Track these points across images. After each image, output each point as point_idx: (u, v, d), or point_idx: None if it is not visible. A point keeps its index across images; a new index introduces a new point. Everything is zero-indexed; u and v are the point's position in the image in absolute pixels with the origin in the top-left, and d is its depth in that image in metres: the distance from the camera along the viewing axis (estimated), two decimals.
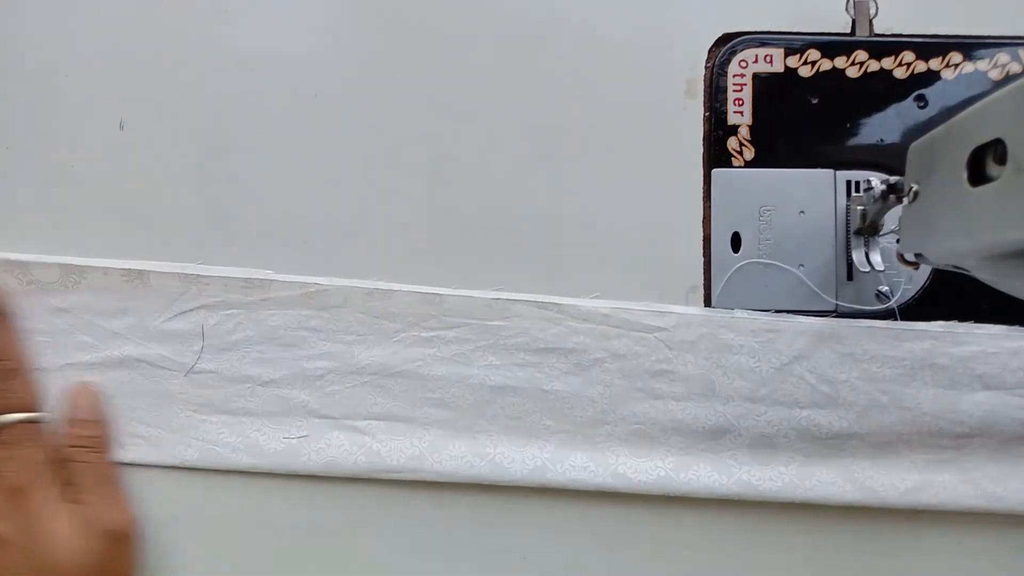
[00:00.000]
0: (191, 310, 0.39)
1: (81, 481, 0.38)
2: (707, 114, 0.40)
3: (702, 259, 0.40)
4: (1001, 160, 0.26)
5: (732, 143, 0.40)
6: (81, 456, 0.38)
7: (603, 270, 0.40)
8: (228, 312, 0.39)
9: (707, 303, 0.40)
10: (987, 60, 0.39)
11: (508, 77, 0.40)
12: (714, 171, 0.40)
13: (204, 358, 0.39)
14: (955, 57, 0.39)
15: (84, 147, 0.41)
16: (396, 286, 0.40)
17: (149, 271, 0.39)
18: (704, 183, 0.40)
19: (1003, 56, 0.39)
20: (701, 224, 0.40)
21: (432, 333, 0.40)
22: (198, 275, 0.40)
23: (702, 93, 0.40)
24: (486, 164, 0.40)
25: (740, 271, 0.40)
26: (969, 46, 0.40)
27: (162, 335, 0.40)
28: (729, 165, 0.40)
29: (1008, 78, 0.39)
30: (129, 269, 0.40)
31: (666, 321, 0.39)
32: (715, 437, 0.39)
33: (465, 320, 0.40)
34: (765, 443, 0.39)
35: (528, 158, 0.40)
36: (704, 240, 0.40)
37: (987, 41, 0.40)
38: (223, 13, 0.41)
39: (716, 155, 0.40)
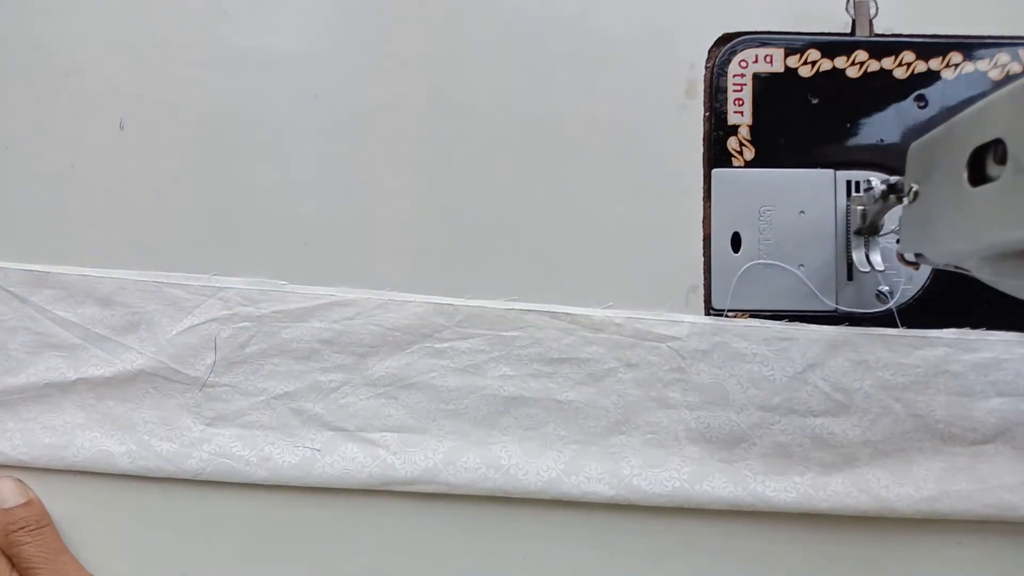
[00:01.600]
0: (203, 323, 0.40)
1: (32, 559, 0.38)
2: (707, 114, 0.40)
3: (702, 259, 0.40)
4: (1001, 160, 0.26)
5: (732, 143, 0.40)
6: (25, 538, 0.38)
7: (603, 270, 0.40)
8: (241, 325, 0.39)
9: (707, 303, 0.40)
10: (987, 60, 0.39)
11: (508, 77, 0.40)
12: (714, 171, 0.40)
13: (217, 371, 0.39)
14: (955, 57, 0.39)
15: (84, 147, 0.41)
16: (409, 297, 0.40)
17: (162, 283, 0.40)
18: (704, 183, 0.40)
19: (1003, 56, 0.39)
20: (701, 224, 0.40)
21: (446, 344, 0.39)
22: (210, 287, 0.40)
23: (702, 93, 0.40)
24: (486, 164, 0.40)
25: (740, 271, 0.40)
26: (969, 46, 0.40)
27: (174, 348, 0.40)
28: (729, 165, 0.40)
29: (1008, 78, 0.39)
30: (141, 280, 0.40)
31: (679, 330, 0.39)
32: (729, 447, 0.39)
33: (478, 331, 0.39)
34: (779, 452, 0.39)
35: (528, 158, 0.40)
36: (704, 240, 0.40)
37: (987, 41, 0.40)
38: (223, 13, 0.41)
39: (716, 155, 0.40)
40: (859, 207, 0.38)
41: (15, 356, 0.40)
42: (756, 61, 0.40)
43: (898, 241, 0.37)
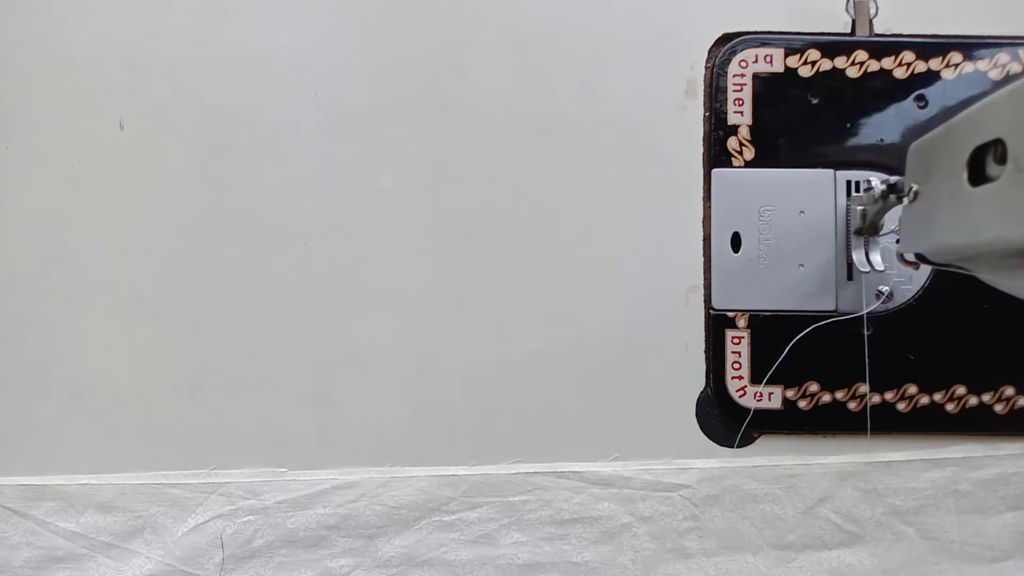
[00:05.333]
0: (207, 521, 0.39)
1: None
2: (707, 114, 0.40)
3: (702, 259, 0.40)
4: (1001, 160, 0.26)
5: (732, 143, 0.40)
6: None
7: (603, 271, 0.40)
8: (245, 519, 0.39)
9: (707, 303, 0.40)
10: (987, 60, 0.39)
11: (508, 77, 0.40)
12: (714, 171, 0.40)
13: (227, 569, 0.39)
14: (955, 57, 0.39)
15: (84, 147, 0.41)
16: (412, 471, 0.40)
17: (162, 484, 0.39)
18: (704, 183, 0.40)
19: (1003, 56, 0.39)
20: (701, 224, 0.40)
21: (454, 516, 0.39)
22: (211, 483, 0.39)
23: (702, 93, 0.40)
24: (485, 163, 0.40)
25: (740, 271, 0.40)
26: (969, 46, 0.39)
27: (181, 550, 0.39)
28: (729, 165, 0.40)
29: (1008, 78, 0.39)
30: (142, 484, 0.39)
31: (689, 477, 0.39)
32: None
33: (486, 499, 0.39)
34: None
35: (528, 157, 0.40)
36: (704, 240, 0.40)
37: (987, 41, 0.40)
38: (223, 13, 0.41)
39: (716, 155, 0.40)
40: (859, 207, 0.38)
41: (21, 574, 0.39)
42: (756, 61, 0.40)
43: (898, 241, 0.37)
